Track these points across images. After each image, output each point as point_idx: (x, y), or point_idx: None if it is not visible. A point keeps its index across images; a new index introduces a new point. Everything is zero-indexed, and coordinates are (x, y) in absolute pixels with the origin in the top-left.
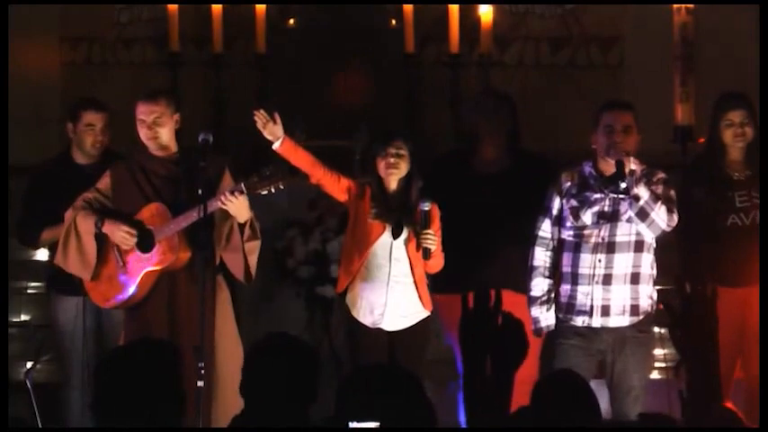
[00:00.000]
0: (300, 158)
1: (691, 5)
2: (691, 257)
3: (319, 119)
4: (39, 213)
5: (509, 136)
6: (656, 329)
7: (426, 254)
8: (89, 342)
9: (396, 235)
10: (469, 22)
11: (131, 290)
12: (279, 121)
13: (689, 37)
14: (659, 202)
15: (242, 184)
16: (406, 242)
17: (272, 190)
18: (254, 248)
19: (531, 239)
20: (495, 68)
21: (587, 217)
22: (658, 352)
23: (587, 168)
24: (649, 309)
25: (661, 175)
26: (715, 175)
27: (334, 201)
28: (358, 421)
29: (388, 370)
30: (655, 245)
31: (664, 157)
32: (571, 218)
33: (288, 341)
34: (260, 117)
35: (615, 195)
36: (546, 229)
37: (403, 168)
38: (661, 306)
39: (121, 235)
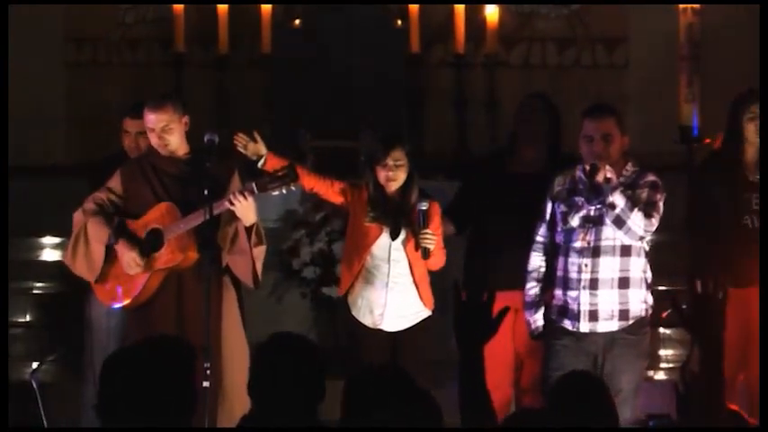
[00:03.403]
0: None
1: (696, 6)
2: (702, 257)
3: (324, 119)
4: None
5: (548, 138)
6: (662, 330)
7: (425, 253)
8: (114, 340)
9: (393, 236)
10: (475, 22)
11: (138, 289)
12: (259, 139)
13: (695, 38)
14: (635, 210)
15: (253, 184)
16: (405, 242)
17: (284, 191)
18: (260, 254)
19: (530, 244)
20: (501, 69)
21: (575, 221)
22: (662, 352)
23: (578, 172)
24: (642, 313)
25: (650, 178)
26: (731, 174)
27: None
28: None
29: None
30: (647, 248)
31: (669, 157)
32: (561, 222)
33: (295, 341)
34: (239, 140)
35: (593, 206)
36: (542, 233)
37: (401, 177)
38: (664, 314)
39: (129, 261)
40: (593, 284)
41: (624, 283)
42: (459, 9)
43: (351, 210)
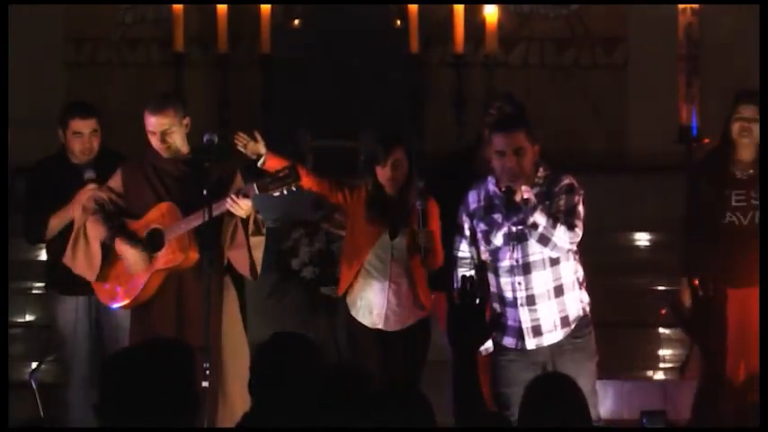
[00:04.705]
0: None
1: (695, 6)
2: (693, 257)
3: (324, 119)
4: (40, 212)
5: None
6: (661, 330)
7: (424, 253)
8: (88, 343)
9: (392, 236)
10: (474, 22)
11: (139, 289)
12: (260, 138)
13: (694, 37)
14: (558, 225)
15: (254, 185)
16: (403, 242)
17: (285, 191)
18: (258, 243)
19: (452, 261)
20: (500, 69)
21: (498, 239)
22: (661, 352)
23: (491, 187)
24: (580, 313)
25: (566, 181)
26: (717, 172)
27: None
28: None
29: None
30: (574, 248)
31: (668, 157)
32: (483, 241)
33: (295, 340)
34: (240, 139)
35: (516, 227)
36: (464, 249)
37: (401, 177)
38: (663, 311)
39: (131, 259)
40: (531, 300)
41: (559, 291)
42: (459, 9)
43: (350, 210)
